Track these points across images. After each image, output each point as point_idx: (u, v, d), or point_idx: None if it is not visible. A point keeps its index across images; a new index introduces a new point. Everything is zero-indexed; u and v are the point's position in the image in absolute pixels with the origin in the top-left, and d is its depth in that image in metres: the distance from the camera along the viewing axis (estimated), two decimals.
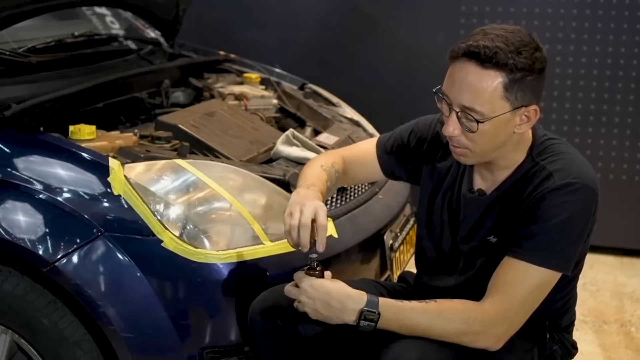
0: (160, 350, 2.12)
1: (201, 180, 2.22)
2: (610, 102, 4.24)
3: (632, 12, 4.15)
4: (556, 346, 2.01)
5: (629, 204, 4.30)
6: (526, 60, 1.78)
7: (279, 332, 2.01)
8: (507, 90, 1.78)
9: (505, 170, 1.92)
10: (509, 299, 1.81)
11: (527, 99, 1.81)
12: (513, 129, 1.84)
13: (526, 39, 1.81)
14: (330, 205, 2.45)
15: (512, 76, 1.77)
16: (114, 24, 3.40)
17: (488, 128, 1.81)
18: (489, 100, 1.78)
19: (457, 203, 2.01)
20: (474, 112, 1.80)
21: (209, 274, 2.10)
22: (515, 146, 1.90)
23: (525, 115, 1.83)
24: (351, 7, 4.52)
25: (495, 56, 1.76)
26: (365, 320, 1.80)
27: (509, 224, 1.90)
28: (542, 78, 1.83)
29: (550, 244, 1.81)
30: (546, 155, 1.89)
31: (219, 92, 3.12)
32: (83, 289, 2.07)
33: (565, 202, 1.81)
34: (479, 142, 1.84)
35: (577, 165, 1.87)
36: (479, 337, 1.81)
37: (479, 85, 1.78)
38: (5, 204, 2.14)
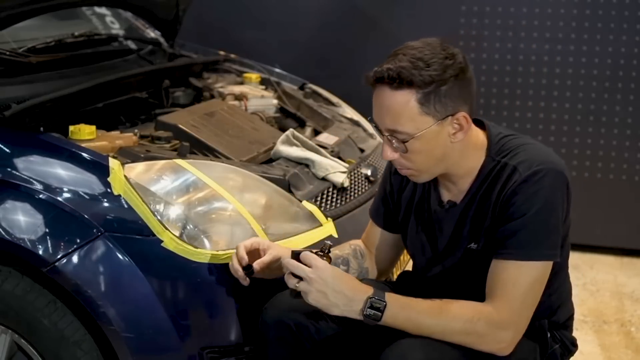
0: (160, 350, 2.12)
1: (201, 180, 2.22)
2: (610, 102, 4.24)
3: (632, 12, 4.15)
4: (557, 345, 2.01)
5: (629, 204, 4.30)
6: (435, 72, 1.78)
7: (292, 338, 1.99)
8: (423, 105, 1.80)
9: (467, 177, 1.93)
10: (509, 301, 1.81)
11: (449, 108, 1.82)
12: (448, 139, 1.85)
13: (436, 50, 1.81)
14: (330, 205, 2.45)
15: (423, 90, 1.79)
16: (114, 24, 3.40)
17: (419, 145, 1.83)
18: (408, 119, 1.80)
19: (431, 220, 2.02)
20: (399, 134, 1.83)
21: (209, 274, 2.10)
22: (466, 153, 1.90)
23: (456, 123, 1.84)
24: (351, 7, 4.52)
25: (400, 76, 1.78)
26: (371, 308, 1.79)
27: (485, 227, 1.90)
28: (462, 83, 1.82)
29: (532, 237, 1.82)
30: (506, 152, 1.90)
31: (219, 92, 3.13)
32: (83, 289, 2.07)
33: (536, 192, 1.82)
34: (417, 160, 1.86)
35: (539, 153, 1.88)
36: (484, 340, 1.81)
37: (395, 107, 1.81)
38: (5, 204, 2.14)
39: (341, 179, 2.51)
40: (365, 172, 2.70)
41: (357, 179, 2.64)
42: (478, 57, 4.33)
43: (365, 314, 1.80)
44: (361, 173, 2.69)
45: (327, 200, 2.45)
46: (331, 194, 2.48)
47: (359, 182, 2.64)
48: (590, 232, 4.32)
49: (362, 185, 2.65)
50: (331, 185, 2.51)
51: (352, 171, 2.64)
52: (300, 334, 1.99)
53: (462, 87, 1.83)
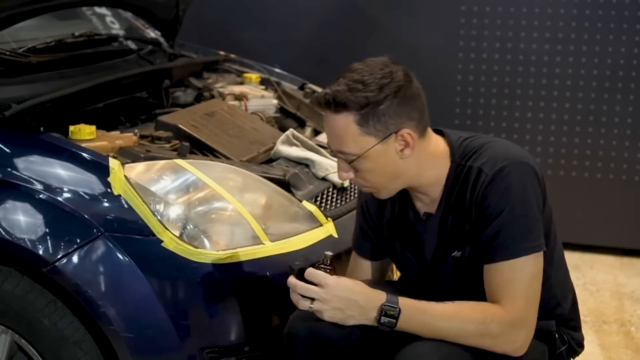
0: (160, 350, 2.12)
1: (201, 180, 2.22)
2: (610, 102, 4.24)
3: (632, 12, 4.14)
4: (564, 347, 2.02)
5: (629, 204, 4.30)
6: (371, 92, 1.80)
7: (323, 351, 1.98)
8: (362, 126, 1.82)
9: (435, 186, 1.93)
10: (514, 300, 1.81)
11: (391, 127, 1.83)
12: (397, 156, 1.86)
13: (374, 70, 1.83)
14: (330, 205, 2.45)
15: (360, 112, 1.81)
16: (114, 24, 3.39)
17: (367, 165, 1.86)
18: (351, 139, 1.83)
19: (413, 235, 2.01)
20: (345, 154, 1.86)
21: (209, 274, 2.10)
22: (425, 165, 1.90)
23: (401, 140, 1.85)
24: (351, 7, 4.52)
25: (335, 100, 1.81)
26: (386, 316, 1.79)
27: (464, 233, 1.90)
28: (401, 101, 1.83)
29: (515, 234, 1.82)
30: (469, 154, 1.90)
31: (219, 92, 3.13)
32: (83, 289, 2.07)
33: (506, 189, 1.82)
34: (370, 178, 1.89)
35: (501, 149, 1.89)
36: (499, 341, 1.81)
37: (337, 129, 1.85)
38: (5, 204, 2.14)
39: None
40: None
41: None
42: (478, 57, 4.33)
43: (381, 322, 1.80)
44: None
45: (327, 200, 2.45)
46: (331, 194, 2.48)
47: None
48: (590, 232, 4.32)
49: None
50: (331, 185, 2.51)
51: None
52: (332, 347, 1.97)
53: (403, 105, 1.84)
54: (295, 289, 1.83)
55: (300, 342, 1.99)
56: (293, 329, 2.00)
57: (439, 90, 4.32)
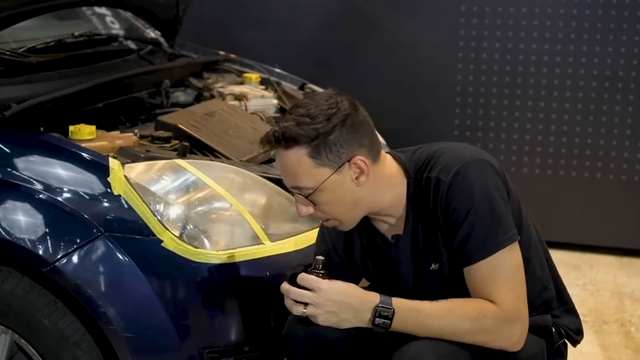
0: (161, 350, 2.12)
1: (201, 180, 2.22)
2: (610, 102, 4.24)
3: (632, 12, 4.14)
4: (561, 340, 2.03)
5: (629, 204, 4.30)
6: (319, 124, 1.81)
7: (322, 352, 1.97)
8: (315, 158, 1.82)
9: (398, 205, 1.93)
10: (501, 295, 1.81)
11: (344, 156, 1.83)
12: (353, 184, 1.86)
13: (320, 103, 1.84)
14: None
15: (312, 144, 1.81)
16: (114, 24, 3.40)
17: (325, 197, 1.85)
18: (305, 173, 1.83)
19: (387, 262, 2.00)
20: (301, 189, 1.85)
21: (209, 274, 2.10)
22: (382, 188, 1.90)
23: (355, 168, 1.85)
24: (351, 7, 4.52)
25: (285, 136, 1.82)
26: (380, 317, 1.79)
27: (437, 244, 1.90)
28: (350, 129, 1.83)
29: (486, 231, 1.82)
30: (422, 167, 1.91)
31: (219, 92, 3.13)
32: (83, 289, 2.07)
33: (465, 191, 1.83)
34: (331, 211, 1.88)
35: (452, 154, 1.89)
36: (495, 336, 1.81)
37: (290, 165, 1.84)
38: (5, 204, 2.14)
39: None
40: None
41: None
42: (478, 57, 4.33)
43: (375, 324, 1.80)
44: None
45: None
46: None
47: None
48: (590, 232, 4.32)
49: None
50: None
51: None
52: (331, 349, 1.97)
53: (353, 132, 1.84)
54: (288, 295, 1.83)
55: (299, 343, 1.99)
56: (291, 330, 2.00)
57: (439, 90, 4.32)
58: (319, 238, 2.10)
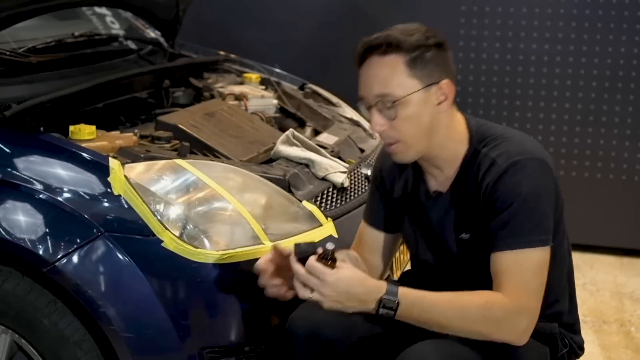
0: (161, 350, 2.12)
1: (201, 180, 2.22)
2: (610, 102, 4.24)
3: (632, 12, 4.15)
4: (565, 349, 2.02)
5: (629, 204, 4.30)
6: (418, 38, 1.87)
7: (323, 352, 1.98)
8: (410, 67, 1.86)
9: (451, 163, 1.95)
10: (517, 287, 1.81)
11: (434, 75, 1.88)
12: (434, 109, 1.89)
13: (416, 25, 1.91)
14: (330, 205, 2.45)
15: (410, 55, 1.86)
16: (114, 24, 3.40)
17: (407, 111, 1.87)
18: (397, 82, 1.86)
19: (421, 212, 2.03)
20: (387, 97, 1.87)
21: (209, 274, 2.10)
22: (451, 133, 1.93)
23: (440, 92, 1.89)
24: (351, 7, 4.52)
25: (388, 39, 1.86)
26: (384, 308, 1.79)
27: (473, 218, 1.92)
28: (444, 55, 1.90)
29: (522, 225, 1.82)
30: (486, 142, 1.93)
31: (219, 92, 3.13)
32: (83, 289, 2.07)
33: (518, 181, 1.84)
34: (405, 129, 1.88)
35: (517, 144, 1.90)
36: (501, 327, 1.80)
37: (384, 71, 1.87)
38: (5, 204, 2.14)
39: (341, 179, 2.51)
40: (365, 172, 2.69)
41: (357, 179, 2.64)
42: (478, 57, 4.33)
43: (379, 314, 1.80)
44: (361, 173, 2.69)
45: (327, 200, 2.45)
46: (331, 194, 2.48)
47: (359, 182, 2.64)
48: (590, 232, 4.32)
49: (362, 185, 2.65)
50: (331, 185, 2.50)
51: (352, 171, 2.64)
52: (332, 349, 1.98)
53: (444, 59, 1.90)
54: (297, 276, 1.82)
55: (300, 342, 1.99)
56: (292, 328, 2.00)
57: None
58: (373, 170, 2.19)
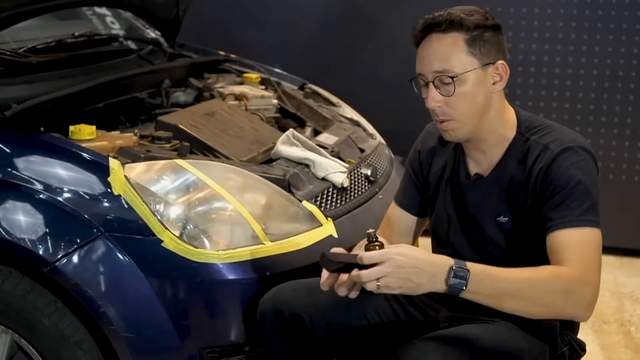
0: (161, 350, 2.12)
1: (201, 180, 2.23)
2: (610, 102, 4.24)
3: (632, 12, 4.15)
4: (566, 347, 2.02)
5: (629, 204, 4.30)
6: (478, 18, 1.93)
7: (287, 328, 2.01)
8: (470, 45, 1.91)
9: (497, 148, 1.98)
10: (580, 260, 1.79)
11: (492, 55, 1.93)
12: (489, 88, 1.93)
13: (475, 7, 1.97)
14: (330, 205, 2.45)
15: (470, 33, 1.91)
16: (114, 24, 3.40)
17: (464, 88, 1.91)
18: (456, 58, 1.91)
19: (458, 192, 2.05)
20: (446, 73, 1.91)
21: (209, 274, 2.10)
22: (502, 116, 1.97)
23: (496, 72, 1.94)
24: (351, 7, 4.52)
25: (450, 17, 1.92)
26: (455, 277, 1.72)
27: (516, 202, 1.93)
28: (499, 36, 1.96)
29: (580, 205, 1.84)
30: (535, 130, 1.97)
31: (219, 92, 3.13)
32: (83, 288, 2.07)
33: (572, 164, 1.87)
34: (459, 106, 1.92)
35: (568, 135, 1.95)
36: (570, 298, 1.76)
37: (445, 48, 1.92)
38: (6, 204, 2.14)
39: (341, 179, 2.51)
40: (365, 172, 2.70)
41: (357, 179, 2.65)
42: None
43: (451, 284, 1.73)
44: (361, 173, 2.69)
45: (327, 200, 2.45)
46: (331, 194, 2.48)
47: (359, 182, 2.64)
48: None
49: (362, 185, 2.65)
50: (331, 185, 2.51)
51: (352, 171, 2.64)
52: (296, 324, 2.01)
53: (500, 41, 1.96)
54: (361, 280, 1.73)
55: (267, 320, 2.03)
56: (261, 308, 2.04)
57: None
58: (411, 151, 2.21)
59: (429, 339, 1.83)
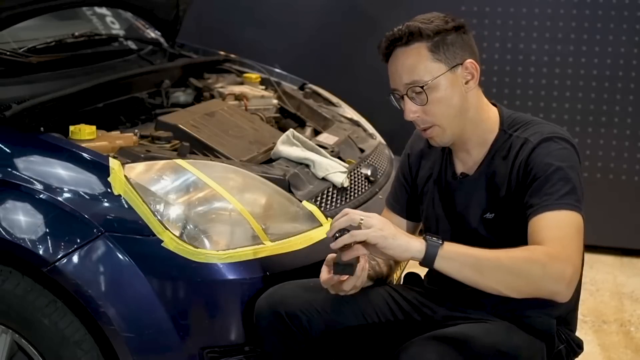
0: (161, 350, 2.12)
1: (201, 180, 2.23)
2: (610, 102, 4.24)
3: (632, 12, 4.15)
4: (562, 345, 2.02)
5: (629, 204, 4.30)
6: (437, 24, 1.95)
7: (284, 327, 2.01)
8: (434, 52, 1.94)
9: (481, 147, 2.01)
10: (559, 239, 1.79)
11: (458, 56, 1.95)
12: (462, 88, 1.96)
13: (435, 14, 2.01)
14: (330, 205, 2.45)
15: (432, 40, 1.94)
16: (114, 24, 3.40)
17: (437, 94, 1.93)
18: (423, 67, 1.93)
19: (446, 192, 2.07)
20: (416, 84, 1.94)
21: (209, 274, 2.10)
22: (482, 115, 2.00)
23: (466, 72, 1.96)
24: (351, 7, 4.52)
25: (409, 29, 1.96)
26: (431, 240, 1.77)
27: (499, 198, 1.95)
28: (464, 37, 1.98)
29: (559, 190, 1.85)
30: (517, 126, 2.00)
31: (219, 92, 3.13)
32: (83, 288, 2.07)
33: (550, 152, 1.89)
34: (436, 112, 1.95)
35: (548, 128, 1.97)
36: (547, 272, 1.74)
37: (410, 60, 1.95)
38: (6, 204, 2.14)
39: (341, 179, 2.51)
40: (365, 172, 2.70)
41: (357, 179, 2.65)
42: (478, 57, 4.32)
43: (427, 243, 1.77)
44: (361, 173, 2.69)
45: (327, 200, 2.45)
46: (331, 194, 2.49)
47: (359, 182, 2.64)
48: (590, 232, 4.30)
49: (362, 185, 2.65)
50: (331, 185, 2.51)
51: (352, 171, 2.64)
52: (292, 323, 2.01)
53: (466, 41, 1.98)
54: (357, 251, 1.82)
55: (263, 318, 2.03)
56: (257, 307, 2.04)
57: None
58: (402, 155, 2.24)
59: (426, 338, 1.83)
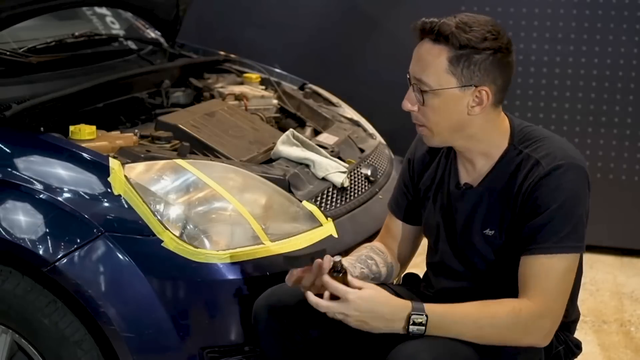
0: (161, 350, 2.12)
1: (201, 180, 2.23)
2: (610, 102, 4.24)
3: (632, 12, 4.14)
4: (561, 347, 2.02)
5: (629, 204, 4.30)
6: (473, 38, 1.83)
7: (282, 328, 2.01)
8: (452, 64, 1.84)
9: (487, 160, 1.95)
10: (544, 292, 1.82)
11: (476, 79, 1.85)
12: (466, 109, 1.87)
13: (485, 23, 1.86)
14: (330, 205, 2.45)
15: (457, 52, 1.83)
16: (114, 24, 3.40)
17: (436, 103, 1.87)
18: (434, 72, 1.85)
19: (447, 201, 2.03)
20: (421, 83, 1.87)
21: (209, 274, 2.10)
22: (489, 132, 1.93)
23: (477, 96, 1.87)
24: (351, 7, 4.52)
25: (439, 30, 1.85)
26: (414, 325, 1.79)
27: (504, 216, 1.92)
28: (497, 62, 1.85)
29: (559, 230, 1.83)
30: (528, 142, 1.92)
31: (219, 92, 3.13)
32: (83, 288, 2.07)
33: (559, 186, 1.84)
34: (431, 118, 1.89)
35: (560, 148, 1.91)
36: (529, 332, 1.81)
37: (427, 58, 1.87)
38: (6, 204, 2.14)
39: (341, 179, 2.51)
40: (365, 172, 2.70)
41: (357, 179, 2.65)
42: None
43: (410, 332, 1.80)
44: (361, 173, 2.69)
45: (327, 200, 2.45)
46: (331, 194, 2.49)
47: (359, 182, 2.64)
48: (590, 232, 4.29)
49: (362, 185, 2.65)
50: (331, 185, 2.51)
51: (352, 171, 2.64)
52: (290, 325, 2.00)
53: (496, 66, 1.85)
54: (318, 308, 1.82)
55: (261, 320, 2.02)
56: (255, 308, 2.03)
57: None
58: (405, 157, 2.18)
59: (421, 339, 1.82)
